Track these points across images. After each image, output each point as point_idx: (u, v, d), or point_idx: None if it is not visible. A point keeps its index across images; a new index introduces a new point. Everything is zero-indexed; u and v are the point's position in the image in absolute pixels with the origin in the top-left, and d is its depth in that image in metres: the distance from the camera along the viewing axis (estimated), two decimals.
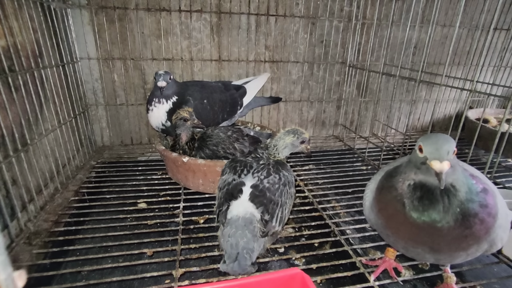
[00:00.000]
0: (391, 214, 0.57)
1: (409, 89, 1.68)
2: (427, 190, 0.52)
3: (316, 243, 0.89)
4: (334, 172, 1.28)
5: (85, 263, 0.78)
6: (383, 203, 0.59)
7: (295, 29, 1.45)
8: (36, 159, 0.89)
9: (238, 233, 0.63)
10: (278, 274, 0.48)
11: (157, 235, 0.86)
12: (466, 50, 1.70)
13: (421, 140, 0.53)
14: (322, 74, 1.57)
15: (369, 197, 0.64)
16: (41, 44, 0.95)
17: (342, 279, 0.74)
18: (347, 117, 1.68)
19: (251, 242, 0.63)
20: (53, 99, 1.02)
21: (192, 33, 1.34)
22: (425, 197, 0.52)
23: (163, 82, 1.06)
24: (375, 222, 0.63)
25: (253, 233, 0.64)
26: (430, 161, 0.50)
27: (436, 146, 0.50)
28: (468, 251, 0.53)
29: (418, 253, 0.56)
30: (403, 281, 0.73)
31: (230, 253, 0.62)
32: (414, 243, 0.55)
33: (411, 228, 0.54)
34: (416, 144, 0.54)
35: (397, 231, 0.57)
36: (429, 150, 0.51)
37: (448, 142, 0.50)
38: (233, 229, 0.64)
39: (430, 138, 0.52)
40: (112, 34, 1.27)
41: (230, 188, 0.71)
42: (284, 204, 0.72)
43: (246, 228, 0.64)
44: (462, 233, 0.51)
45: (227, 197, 0.70)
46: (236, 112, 1.34)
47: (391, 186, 0.58)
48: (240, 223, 0.64)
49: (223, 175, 0.76)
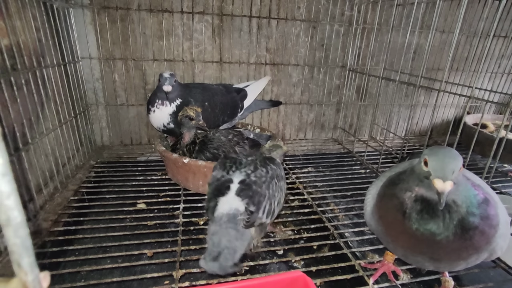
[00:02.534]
0: (391, 222, 0.57)
1: (408, 94, 1.70)
2: (428, 204, 0.52)
3: (315, 246, 0.90)
4: (333, 175, 1.29)
5: (84, 263, 0.77)
6: (383, 210, 0.60)
7: (296, 33, 1.46)
8: (37, 158, 0.89)
9: (222, 232, 0.63)
10: (280, 277, 0.49)
11: (156, 236, 0.86)
12: (464, 56, 1.72)
13: (427, 154, 0.52)
14: (322, 77, 1.58)
15: (370, 203, 0.65)
16: (43, 43, 0.95)
17: (341, 282, 0.75)
18: (346, 120, 1.69)
19: (233, 241, 0.62)
20: (54, 98, 1.02)
21: (193, 35, 1.35)
22: (425, 211, 0.52)
23: (169, 86, 1.06)
24: (375, 228, 0.63)
25: (236, 228, 0.63)
26: (433, 178, 0.49)
27: (442, 164, 0.49)
28: (468, 260, 0.54)
29: (418, 261, 0.57)
30: (401, 284, 0.74)
31: (211, 250, 0.62)
32: (413, 252, 0.56)
33: (410, 238, 0.54)
34: (422, 156, 0.53)
35: (397, 239, 0.57)
36: (434, 167, 0.49)
37: (454, 160, 0.49)
38: (217, 227, 0.64)
39: (437, 154, 0.51)
40: (113, 34, 1.27)
41: (218, 185, 0.71)
42: (273, 196, 0.71)
43: (230, 224, 0.63)
44: (462, 244, 0.51)
45: (215, 193, 0.70)
46: (237, 114, 1.34)
47: (392, 195, 0.58)
48: (224, 219, 0.64)
49: (214, 171, 0.77)
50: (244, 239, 0.65)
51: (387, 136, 1.70)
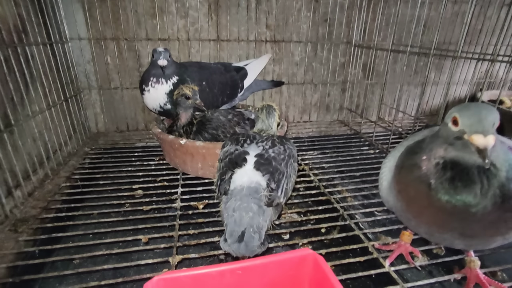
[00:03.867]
0: (413, 196, 0.50)
1: (417, 71, 1.61)
2: (460, 170, 0.44)
3: (323, 229, 0.84)
4: (340, 156, 1.22)
5: (78, 251, 0.73)
6: (403, 183, 0.52)
7: (298, 7, 1.37)
8: (23, 142, 0.83)
9: (243, 206, 0.56)
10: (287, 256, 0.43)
11: (153, 221, 0.80)
12: (478, 29, 1.61)
13: (456, 111, 0.44)
14: (326, 55, 1.49)
15: (387, 176, 0.58)
16: (24, 19, 0.88)
17: (353, 265, 0.69)
18: (352, 100, 1.61)
19: (257, 217, 0.56)
20: (40, 80, 0.95)
21: (188, 12, 1.27)
22: (457, 178, 0.44)
23: (164, 60, 0.99)
24: (393, 204, 0.56)
25: (259, 204, 0.57)
26: (470, 135, 0.41)
27: (479, 117, 0.42)
28: (506, 235, 0.46)
29: (445, 238, 0.50)
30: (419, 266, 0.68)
31: (233, 230, 0.55)
32: (441, 229, 0.48)
33: (437, 213, 0.47)
34: (448, 116, 0.46)
35: (420, 215, 0.50)
36: (469, 122, 0.42)
37: (492, 112, 0.42)
38: (237, 202, 0.57)
39: (469, 108, 0.43)
40: (103, 13, 1.19)
41: (233, 157, 0.65)
42: (289, 176, 0.67)
43: (252, 199, 0.57)
44: (501, 216, 0.43)
45: (230, 166, 0.63)
46: (237, 95, 1.27)
47: (413, 165, 0.50)
48: (245, 193, 0.58)
49: (224, 147, 0.71)
50: (266, 216, 0.59)
51: (396, 116, 1.62)
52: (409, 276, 0.70)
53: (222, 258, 0.76)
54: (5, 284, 0.61)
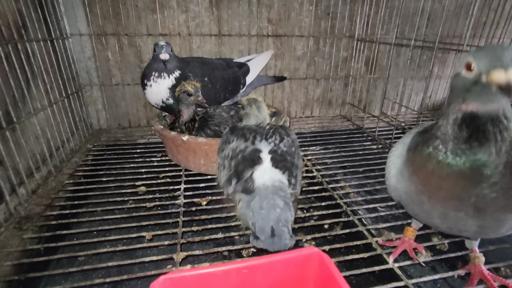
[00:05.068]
0: (431, 171, 0.48)
1: (420, 65, 1.59)
2: (477, 126, 0.42)
3: (326, 225, 0.84)
4: (343, 152, 1.22)
5: (82, 248, 0.73)
6: (419, 162, 0.50)
7: (300, 1, 1.35)
8: (25, 139, 0.83)
9: (271, 203, 0.57)
10: (292, 254, 0.42)
11: (157, 218, 0.80)
12: (482, 21, 1.59)
13: (468, 56, 0.42)
14: (328, 49, 1.48)
15: (396, 163, 0.57)
16: (24, 14, 0.87)
17: (356, 261, 0.69)
18: (355, 95, 1.60)
19: (284, 212, 0.57)
20: (42, 77, 0.95)
21: (189, 6, 1.25)
22: (473, 137, 0.43)
23: (166, 54, 0.97)
24: (405, 190, 0.55)
25: (285, 201, 0.59)
26: (490, 74, 0.38)
27: (495, 53, 0.39)
28: None
29: (460, 218, 0.48)
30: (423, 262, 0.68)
31: (263, 226, 0.56)
32: (458, 203, 0.46)
33: (456, 182, 0.45)
34: (461, 62, 0.43)
35: (438, 191, 0.48)
36: (486, 61, 0.39)
37: (508, 48, 0.39)
38: (264, 200, 0.58)
39: (483, 49, 0.41)
40: (104, 8, 1.18)
41: (247, 155, 0.64)
42: (300, 168, 0.69)
43: (278, 197, 0.58)
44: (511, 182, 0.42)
45: (247, 164, 0.63)
46: (239, 91, 1.26)
47: (429, 138, 0.48)
48: (271, 191, 0.59)
49: (230, 143, 0.69)
50: (292, 211, 0.60)
51: (399, 111, 1.61)
52: (412, 272, 0.70)
53: (225, 255, 0.76)
54: (11, 281, 0.61)
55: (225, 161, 0.68)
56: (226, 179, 0.66)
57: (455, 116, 0.45)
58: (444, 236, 0.77)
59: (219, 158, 0.72)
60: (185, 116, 0.99)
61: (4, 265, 0.62)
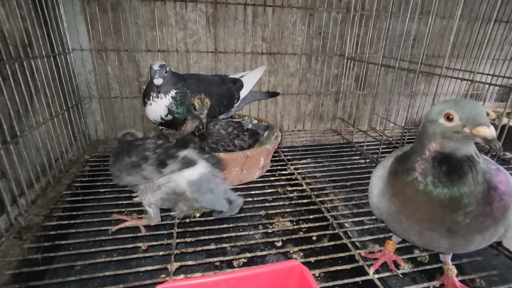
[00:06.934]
0: (410, 196, 0.54)
1: (407, 82, 1.67)
2: (455, 163, 0.49)
3: (314, 237, 0.88)
4: (332, 165, 1.27)
5: (78, 257, 0.76)
6: (399, 187, 0.56)
7: (293, 21, 1.43)
8: (27, 152, 0.87)
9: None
10: (276, 267, 0.47)
11: (152, 229, 0.84)
12: (465, 43, 1.68)
13: (447, 108, 0.48)
14: (320, 66, 1.55)
15: (378, 184, 0.62)
16: (30, 33, 0.92)
17: (341, 272, 0.73)
18: (345, 110, 1.67)
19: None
20: (44, 91, 0.99)
21: (187, 24, 1.31)
22: (453, 171, 0.49)
23: (159, 79, 1.02)
24: (386, 209, 0.60)
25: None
26: (475, 128, 0.45)
27: (477, 111, 0.46)
28: (485, 235, 0.51)
29: (433, 238, 0.54)
30: (402, 274, 0.72)
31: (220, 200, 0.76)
32: (433, 225, 0.52)
33: (433, 207, 0.51)
34: (436, 113, 0.49)
35: (415, 213, 0.54)
36: (468, 117, 0.46)
37: (481, 106, 0.47)
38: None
39: (463, 104, 0.47)
40: (105, 25, 1.24)
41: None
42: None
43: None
44: (483, 210, 0.48)
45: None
46: (233, 105, 1.31)
47: (407, 169, 0.54)
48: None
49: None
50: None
51: (387, 125, 1.68)
52: (393, 283, 0.75)
53: (217, 265, 0.80)
54: None
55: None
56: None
57: (433, 155, 0.51)
58: (425, 249, 0.82)
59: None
60: (188, 127, 1.03)
61: (5, 274, 0.65)
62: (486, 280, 0.76)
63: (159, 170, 0.72)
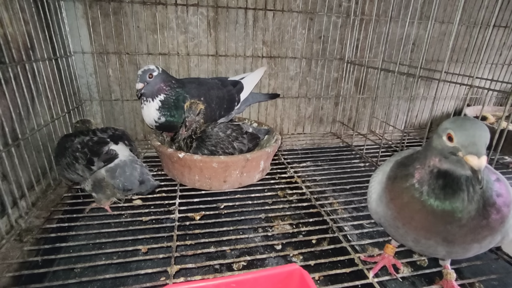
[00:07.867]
0: (405, 202, 0.54)
1: (407, 86, 1.68)
2: (451, 179, 0.49)
3: (313, 240, 0.88)
4: (332, 169, 1.27)
5: (78, 260, 0.76)
6: (396, 192, 0.56)
7: (293, 25, 1.44)
8: (28, 154, 0.87)
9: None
10: (276, 270, 0.47)
11: (152, 232, 0.84)
12: (464, 48, 1.69)
13: (451, 127, 0.47)
14: (320, 70, 1.55)
15: (377, 189, 0.62)
16: (32, 36, 0.93)
17: (341, 276, 0.73)
18: (345, 114, 1.67)
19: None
20: (45, 93, 0.99)
21: (188, 28, 1.32)
22: (448, 186, 0.49)
23: (139, 84, 1.04)
24: (383, 214, 0.60)
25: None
26: (465, 155, 0.45)
27: (474, 139, 0.44)
28: (482, 243, 0.51)
29: (430, 245, 0.54)
30: (401, 278, 0.72)
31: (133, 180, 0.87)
32: (428, 234, 0.52)
33: (427, 217, 0.51)
34: (442, 130, 0.49)
35: (410, 220, 0.54)
36: (464, 142, 0.45)
37: (485, 133, 0.45)
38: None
39: (465, 127, 0.46)
40: (106, 28, 1.24)
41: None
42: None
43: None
44: (479, 223, 0.48)
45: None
46: (234, 108, 1.32)
47: (406, 175, 0.55)
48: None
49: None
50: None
51: (387, 129, 1.68)
52: (393, 286, 0.75)
53: (217, 268, 0.80)
54: None
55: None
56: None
57: (432, 169, 0.51)
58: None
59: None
60: (183, 130, 1.03)
61: (5, 276, 0.65)
62: (485, 284, 0.76)
63: (89, 168, 0.84)
